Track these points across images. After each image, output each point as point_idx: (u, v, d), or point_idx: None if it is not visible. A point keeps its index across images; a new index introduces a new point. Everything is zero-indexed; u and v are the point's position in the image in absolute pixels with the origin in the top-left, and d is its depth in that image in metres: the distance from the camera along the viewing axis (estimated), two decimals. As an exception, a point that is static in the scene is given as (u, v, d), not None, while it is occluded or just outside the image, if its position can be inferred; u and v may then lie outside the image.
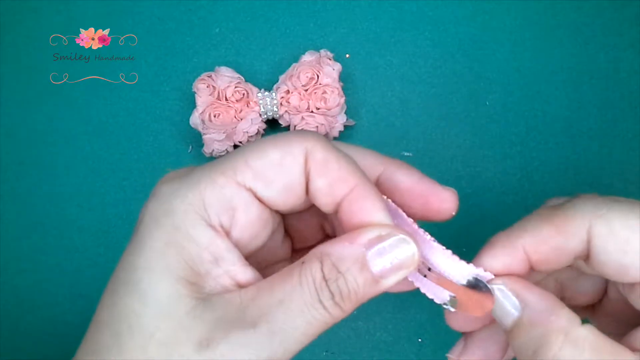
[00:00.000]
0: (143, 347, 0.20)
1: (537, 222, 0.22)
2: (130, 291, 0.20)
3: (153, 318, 0.20)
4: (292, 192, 0.22)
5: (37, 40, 0.46)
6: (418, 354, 0.41)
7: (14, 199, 0.44)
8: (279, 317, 0.20)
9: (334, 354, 0.42)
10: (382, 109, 0.45)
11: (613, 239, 0.21)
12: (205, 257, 0.21)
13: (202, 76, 0.42)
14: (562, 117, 0.44)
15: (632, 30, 0.45)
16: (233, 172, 0.21)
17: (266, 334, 0.20)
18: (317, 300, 0.20)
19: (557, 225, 0.22)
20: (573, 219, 0.22)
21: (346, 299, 0.21)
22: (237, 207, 0.21)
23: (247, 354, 0.19)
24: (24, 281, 0.43)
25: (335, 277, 0.20)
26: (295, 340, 0.20)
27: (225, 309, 0.20)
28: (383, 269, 0.20)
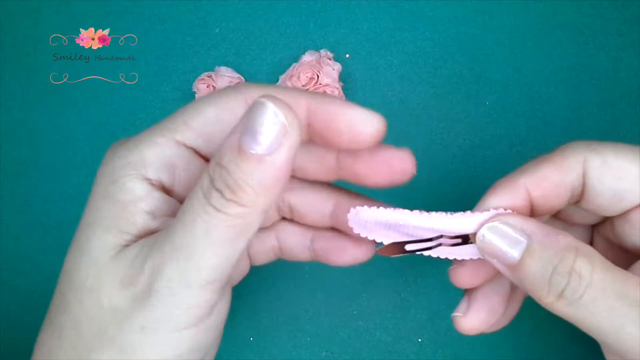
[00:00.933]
0: (79, 299, 0.20)
1: (536, 162, 0.24)
2: (72, 250, 0.22)
3: (84, 269, 0.21)
4: None
5: (37, 40, 0.46)
6: (418, 354, 0.41)
7: (14, 199, 0.44)
8: (177, 233, 0.19)
9: (333, 354, 0.42)
10: (382, 109, 0.44)
11: (607, 168, 0.23)
12: (141, 206, 0.21)
13: (202, 76, 0.42)
14: (562, 117, 0.44)
15: (632, 30, 0.45)
16: (172, 132, 0.22)
17: (171, 253, 0.19)
18: (206, 204, 0.19)
19: (555, 162, 0.23)
20: (570, 155, 0.23)
21: (236, 190, 0.19)
22: (178, 164, 0.22)
23: (161, 279, 0.19)
24: (24, 281, 0.43)
25: (219, 174, 0.19)
26: (204, 254, 0.19)
27: (143, 244, 0.20)
28: (256, 140, 0.19)
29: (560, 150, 0.24)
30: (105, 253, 0.21)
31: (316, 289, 0.43)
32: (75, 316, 0.21)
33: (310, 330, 0.42)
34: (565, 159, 0.23)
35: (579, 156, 0.23)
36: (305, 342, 0.42)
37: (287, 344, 0.42)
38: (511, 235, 0.22)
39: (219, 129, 0.22)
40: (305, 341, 0.42)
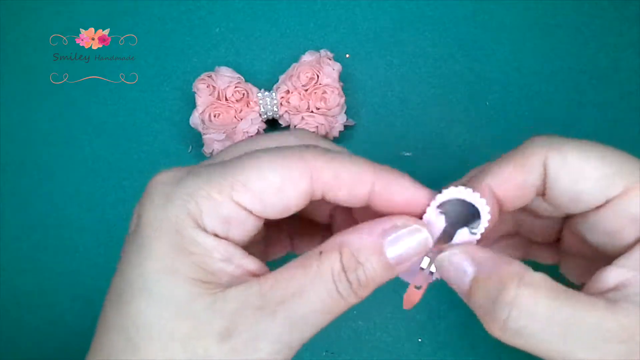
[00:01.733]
0: (164, 347, 0.20)
1: (500, 163, 0.24)
2: (141, 295, 0.20)
3: (170, 319, 0.20)
4: (291, 210, 0.23)
5: (37, 40, 0.46)
6: (418, 354, 0.41)
7: (14, 199, 0.44)
8: (298, 306, 0.21)
9: (333, 354, 0.42)
10: (382, 109, 0.45)
11: (567, 168, 0.23)
12: (215, 256, 0.21)
13: (202, 76, 0.42)
14: (562, 117, 0.44)
15: (632, 30, 0.45)
16: (230, 190, 0.21)
17: (285, 322, 0.21)
18: (334, 290, 0.21)
19: (517, 162, 0.23)
20: (530, 155, 0.23)
21: (364, 286, 0.22)
22: (232, 222, 0.22)
23: (267, 342, 0.20)
24: (24, 281, 0.43)
25: (354, 267, 0.21)
26: (312, 328, 0.21)
27: (244, 299, 0.21)
28: (398, 256, 0.22)
29: (522, 148, 0.24)
30: (197, 303, 0.20)
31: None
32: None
33: (310, 330, 0.42)
34: (527, 158, 0.23)
35: (540, 155, 0.23)
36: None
37: (287, 344, 0.42)
38: (460, 266, 0.23)
39: (279, 199, 0.22)
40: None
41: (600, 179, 0.22)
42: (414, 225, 0.22)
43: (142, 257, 0.21)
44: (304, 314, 0.21)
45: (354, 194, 0.23)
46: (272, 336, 0.20)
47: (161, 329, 0.20)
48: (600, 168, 0.22)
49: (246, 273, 0.22)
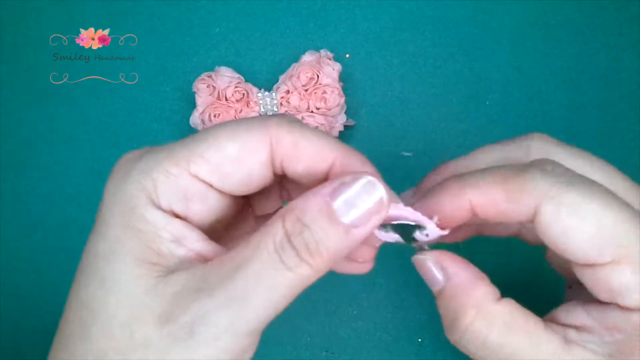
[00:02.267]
0: (106, 331, 0.20)
1: (491, 181, 0.22)
2: (92, 279, 0.20)
3: (113, 301, 0.20)
4: (252, 183, 0.22)
5: (37, 40, 0.46)
6: (418, 354, 0.41)
7: (14, 199, 0.44)
8: (238, 284, 0.19)
9: (333, 354, 0.42)
10: (382, 109, 0.45)
11: (559, 223, 0.21)
12: (164, 236, 0.20)
13: (202, 76, 0.42)
14: (562, 117, 0.44)
15: (632, 30, 0.45)
16: (187, 163, 0.21)
17: (224, 302, 0.19)
18: (277, 260, 0.19)
19: (509, 192, 0.21)
20: (526, 193, 0.21)
21: (314, 253, 0.19)
22: (192, 197, 0.21)
23: (205, 327, 0.19)
24: (24, 281, 0.43)
25: (299, 231, 0.19)
26: (259, 307, 0.19)
27: (185, 282, 0.20)
28: (352, 216, 0.19)
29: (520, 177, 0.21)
30: (138, 286, 0.20)
31: (316, 289, 0.43)
32: (100, 347, 0.20)
33: (310, 330, 0.42)
34: (521, 194, 0.21)
35: (535, 197, 0.21)
36: (305, 342, 0.42)
37: (287, 344, 0.42)
38: (432, 273, 0.23)
39: (237, 169, 0.21)
40: (305, 341, 0.42)
41: (590, 244, 0.20)
42: (365, 177, 0.20)
43: (95, 238, 0.21)
44: (245, 293, 0.19)
45: (313, 168, 0.21)
46: (210, 320, 0.19)
47: (105, 314, 0.20)
48: (593, 233, 0.20)
49: (198, 257, 0.21)
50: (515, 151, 0.23)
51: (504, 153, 0.24)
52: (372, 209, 0.20)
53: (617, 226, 0.20)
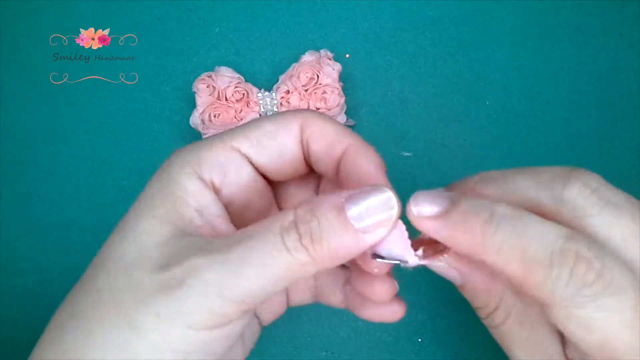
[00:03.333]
0: (111, 271, 0.21)
1: (510, 259, 0.20)
2: (117, 229, 0.23)
3: (125, 247, 0.21)
4: (284, 159, 0.24)
5: (37, 40, 0.46)
6: (418, 354, 0.41)
7: (14, 199, 0.44)
8: (235, 249, 0.20)
9: (333, 353, 0.42)
10: (382, 109, 0.45)
11: (566, 327, 0.20)
12: (191, 203, 0.22)
13: (202, 76, 0.42)
14: (562, 117, 0.44)
15: (632, 30, 0.45)
16: (230, 139, 0.23)
17: (218, 262, 0.20)
18: (279, 241, 0.20)
19: (526, 277, 0.20)
20: (542, 291, 0.20)
21: (316, 241, 0.20)
22: (229, 167, 0.23)
23: (195, 279, 0.20)
24: (24, 281, 0.43)
25: (308, 219, 0.20)
26: (250, 277, 0.19)
27: (192, 243, 0.21)
28: (360, 215, 0.20)
29: (539, 270, 0.19)
30: (152, 238, 0.21)
31: (316, 289, 0.43)
32: (98, 287, 0.21)
33: (310, 330, 0.42)
34: (537, 287, 0.20)
35: (552, 298, 0.19)
36: (305, 342, 0.42)
37: (287, 344, 0.42)
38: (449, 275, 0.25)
39: (273, 142, 0.24)
40: (305, 341, 0.42)
41: (595, 350, 0.20)
42: (385, 193, 0.21)
43: (136, 200, 0.23)
44: (240, 260, 0.20)
45: (331, 149, 0.23)
46: (200, 274, 0.19)
47: (117, 256, 0.21)
48: (599, 345, 0.19)
49: (211, 231, 0.22)
50: (546, 198, 0.22)
51: (536, 192, 0.22)
52: (383, 221, 0.20)
53: (624, 343, 0.19)
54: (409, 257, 0.22)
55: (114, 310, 0.20)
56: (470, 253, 0.21)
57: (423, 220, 0.21)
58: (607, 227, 0.20)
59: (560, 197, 0.21)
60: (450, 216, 0.21)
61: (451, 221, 0.21)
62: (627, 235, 0.20)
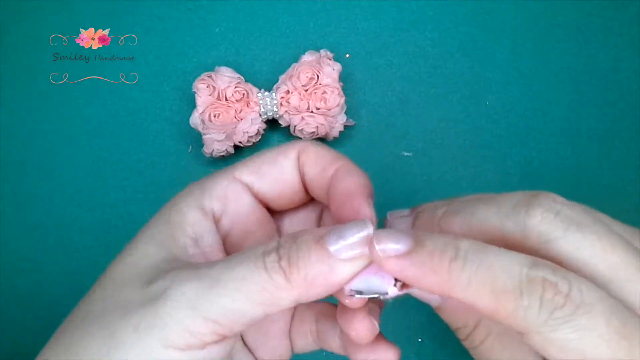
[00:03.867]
0: (104, 287, 0.22)
1: (481, 288, 0.20)
2: (120, 253, 0.24)
3: (121, 267, 0.23)
4: (283, 185, 0.25)
5: (37, 40, 0.46)
6: (418, 354, 0.41)
7: (14, 199, 0.44)
8: (219, 265, 0.21)
9: (333, 353, 0.42)
10: (382, 109, 0.45)
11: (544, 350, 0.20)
12: (188, 231, 0.23)
13: (202, 76, 0.42)
14: (562, 117, 0.44)
15: (632, 30, 0.45)
16: (232, 170, 0.25)
17: (197, 275, 0.20)
18: (260, 260, 0.20)
19: (499, 309, 0.20)
20: (516, 319, 0.19)
21: (293, 265, 0.20)
22: (229, 196, 0.24)
23: (176, 289, 0.20)
24: (24, 281, 0.43)
25: (289, 245, 0.21)
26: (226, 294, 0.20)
27: (183, 263, 0.22)
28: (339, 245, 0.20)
29: (512, 300, 0.19)
30: (146, 259, 0.22)
31: (316, 289, 0.43)
32: (92, 300, 0.22)
33: (310, 330, 0.42)
34: (510, 317, 0.19)
35: (525, 326, 0.19)
36: (305, 342, 0.42)
37: (287, 344, 0.42)
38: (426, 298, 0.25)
39: (272, 169, 0.25)
40: (305, 341, 0.42)
41: None
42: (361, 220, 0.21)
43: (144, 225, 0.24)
44: (218, 275, 0.20)
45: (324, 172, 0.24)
46: (179, 286, 0.20)
47: (113, 275, 0.23)
48: None
49: (204, 260, 0.23)
50: (511, 226, 0.22)
51: (500, 222, 0.22)
52: (361, 254, 0.21)
53: None
54: (389, 289, 0.22)
55: (100, 323, 0.21)
56: (439, 291, 0.21)
57: (388, 261, 0.21)
58: (574, 247, 0.21)
59: (524, 225, 0.21)
60: (416, 256, 0.21)
61: (417, 261, 0.21)
62: (594, 252, 0.20)
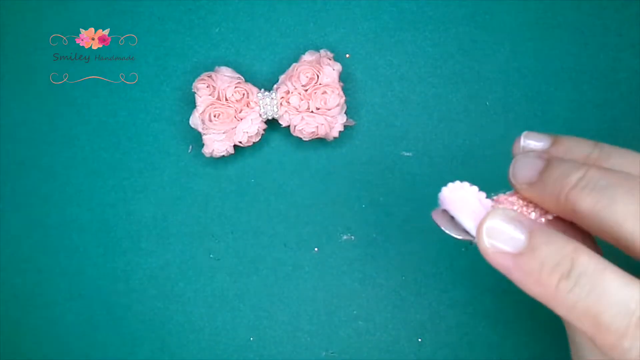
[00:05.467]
0: None
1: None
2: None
3: None
4: None
5: (37, 40, 0.46)
6: (418, 354, 0.41)
7: (14, 199, 0.44)
8: None
9: (333, 353, 0.42)
10: (382, 109, 0.45)
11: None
12: None
13: (202, 76, 0.42)
14: (562, 117, 0.44)
15: (632, 30, 0.45)
16: None
17: None
18: None
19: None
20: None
21: None
22: None
23: None
24: (24, 281, 0.43)
25: None
26: None
27: None
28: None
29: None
30: None
31: (316, 289, 0.43)
32: None
33: (310, 330, 0.42)
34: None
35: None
36: (305, 342, 0.42)
37: (287, 344, 0.42)
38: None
39: None
40: (305, 341, 0.42)
41: None
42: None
43: None
44: None
45: None
46: None
47: None
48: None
49: None
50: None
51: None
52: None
53: None
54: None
55: None
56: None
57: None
58: None
59: None
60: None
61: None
62: None
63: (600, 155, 0.23)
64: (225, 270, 0.44)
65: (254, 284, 0.43)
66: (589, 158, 0.23)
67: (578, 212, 0.20)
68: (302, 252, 0.44)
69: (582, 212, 0.20)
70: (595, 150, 0.23)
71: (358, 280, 0.43)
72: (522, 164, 0.22)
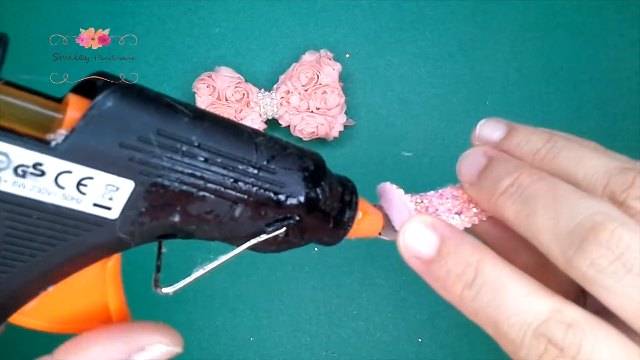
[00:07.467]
0: None
1: (554, 243, 0.19)
2: None
3: None
4: None
5: (37, 40, 0.46)
6: (418, 354, 0.41)
7: (14, 199, 0.44)
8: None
9: (333, 354, 0.42)
10: (382, 109, 0.45)
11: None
12: None
13: (202, 76, 0.42)
14: (562, 117, 0.44)
15: (632, 30, 0.45)
16: None
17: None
18: None
19: (564, 262, 0.18)
20: (575, 275, 0.18)
21: None
22: None
23: None
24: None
25: None
26: None
27: None
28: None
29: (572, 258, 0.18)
30: None
31: (316, 289, 0.43)
32: None
33: (310, 330, 0.42)
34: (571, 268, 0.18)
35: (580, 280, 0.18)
36: (305, 342, 0.42)
37: (287, 344, 0.42)
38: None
39: None
40: (305, 341, 0.42)
41: None
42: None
43: None
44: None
45: None
46: None
47: None
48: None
49: None
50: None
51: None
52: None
53: None
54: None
55: None
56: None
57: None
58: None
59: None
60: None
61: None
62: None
63: (548, 154, 0.23)
64: (225, 270, 0.44)
65: (254, 284, 0.43)
66: (537, 155, 0.22)
67: (504, 219, 0.20)
68: (302, 252, 0.44)
69: (507, 220, 0.20)
70: (547, 146, 0.23)
71: (358, 280, 0.43)
72: (466, 161, 0.22)
